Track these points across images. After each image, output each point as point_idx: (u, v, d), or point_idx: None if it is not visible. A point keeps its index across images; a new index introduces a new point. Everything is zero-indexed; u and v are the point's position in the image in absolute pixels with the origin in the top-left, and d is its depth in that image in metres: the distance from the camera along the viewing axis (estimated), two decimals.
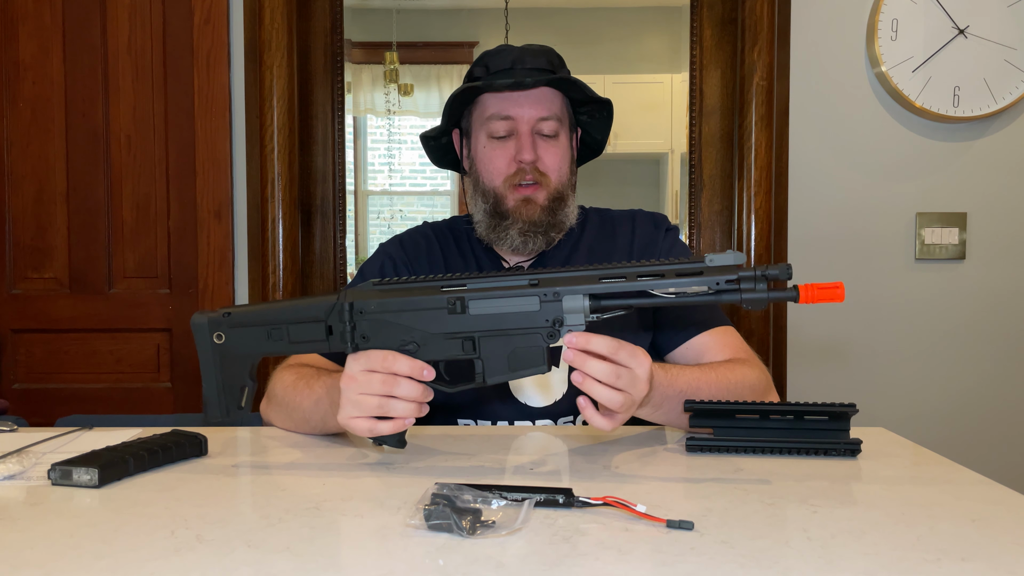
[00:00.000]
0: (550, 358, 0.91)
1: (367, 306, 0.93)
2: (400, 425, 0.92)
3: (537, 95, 1.26)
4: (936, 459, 0.97)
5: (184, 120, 2.15)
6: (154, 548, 0.68)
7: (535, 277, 0.89)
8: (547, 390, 1.25)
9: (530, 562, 0.64)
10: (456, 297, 0.90)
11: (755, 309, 0.86)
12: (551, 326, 0.89)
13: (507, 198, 1.26)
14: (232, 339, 0.98)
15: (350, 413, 0.92)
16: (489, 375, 0.92)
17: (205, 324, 0.99)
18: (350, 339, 0.94)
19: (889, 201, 2.18)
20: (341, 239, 2.35)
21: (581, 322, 0.88)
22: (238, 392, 0.99)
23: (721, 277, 0.83)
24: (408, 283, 0.94)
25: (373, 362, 0.91)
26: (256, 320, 0.98)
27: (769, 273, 0.82)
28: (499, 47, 1.30)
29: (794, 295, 0.82)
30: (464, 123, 1.34)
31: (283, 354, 1.01)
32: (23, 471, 0.91)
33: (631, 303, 0.87)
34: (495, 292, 0.90)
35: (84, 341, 2.19)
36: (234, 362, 0.99)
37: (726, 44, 2.27)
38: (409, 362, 0.90)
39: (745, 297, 0.83)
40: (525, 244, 1.26)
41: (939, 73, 2.12)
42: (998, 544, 0.68)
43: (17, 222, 2.17)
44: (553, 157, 1.27)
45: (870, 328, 2.19)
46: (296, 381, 1.12)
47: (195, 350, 1.00)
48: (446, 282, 0.92)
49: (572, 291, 0.87)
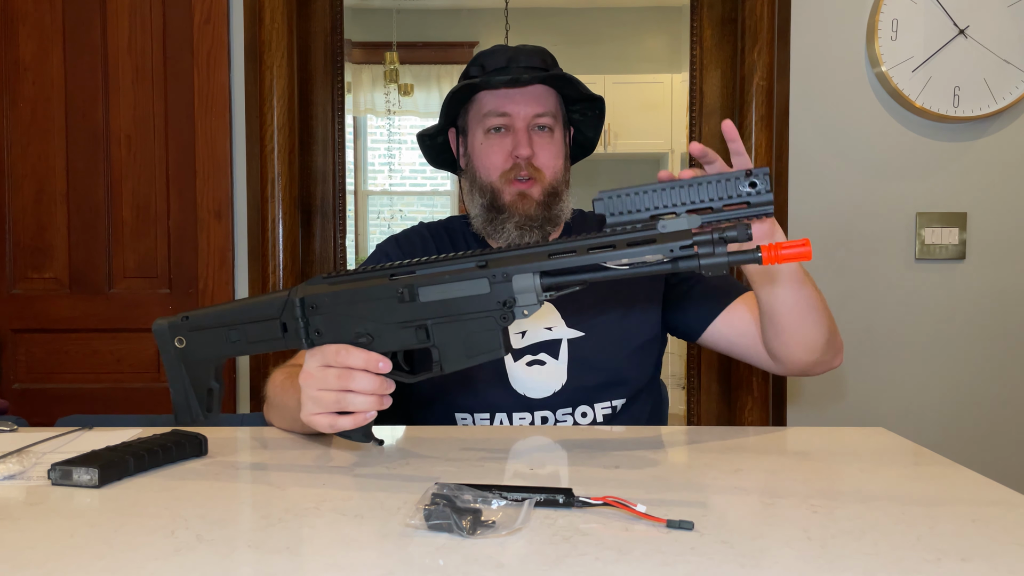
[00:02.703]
0: (507, 341, 0.88)
1: (318, 300, 0.91)
2: (361, 419, 0.90)
3: (533, 92, 1.29)
4: (936, 459, 0.97)
5: (184, 120, 2.15)
6: (154, 548, 0.68)
7: (483, 259, 0.85)
8: (547, 381, 1.25)
9: (530, 562, 0.64)
10: (404, 285, 0.88)
11: (716, 274, 0.79)
12: (503, 308, 0.85)
13: (503, 192, 1.28)
14: (193, 343, 0.97)
15: (311, 410, 0.91)
16: (446, 363, 0.89)
17: (166, 329, 0.97)
18: (304, 335, 0.92)
19: (889, 201, 2.18)
20: (341, 239, 2.35)
21: (534, 301, 0.84)
22: (205, 395, 0.98)
23: (675, 243, 0.77)
24: (358, 274, 0.92)
25: (328, 357, 0.90)
26: (213, 322, 0.96)
27: (727, 235, 0.76)
28: (494, 47, 1.33)
29: (756, 257, 0.76)
30: (460, 121, 1.37)
31: (243, 355, 1.00)
32: (23, 471, 0.91)
33: (585, 278, 0.83)
34: (443, 277, 0.87)
35: (84, 341, 2.19)
36: (198, 365, 0.98)
37: (726, 44, 2.27)
38: (364, 355, 0.89)
39: (704, 263, 0.77)
40: (522, 237, 1.28)
41: (939, 73, 2.12)
42: (998, 544, 0.68)
43: (17, 222, 2.17)
44: (548, 153, 1.29)
45: (870, 328, 2.19)
46: (284, 381, 1.13)
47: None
48: (395, 270, 0.90)
49: (521, 270, 0.84)
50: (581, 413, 1.26)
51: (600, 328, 1.28)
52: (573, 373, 1.26)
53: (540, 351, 1.27)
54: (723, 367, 2.30)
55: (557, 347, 1.27)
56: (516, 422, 1.25)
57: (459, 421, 1.26)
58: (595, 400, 1.26)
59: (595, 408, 1.26)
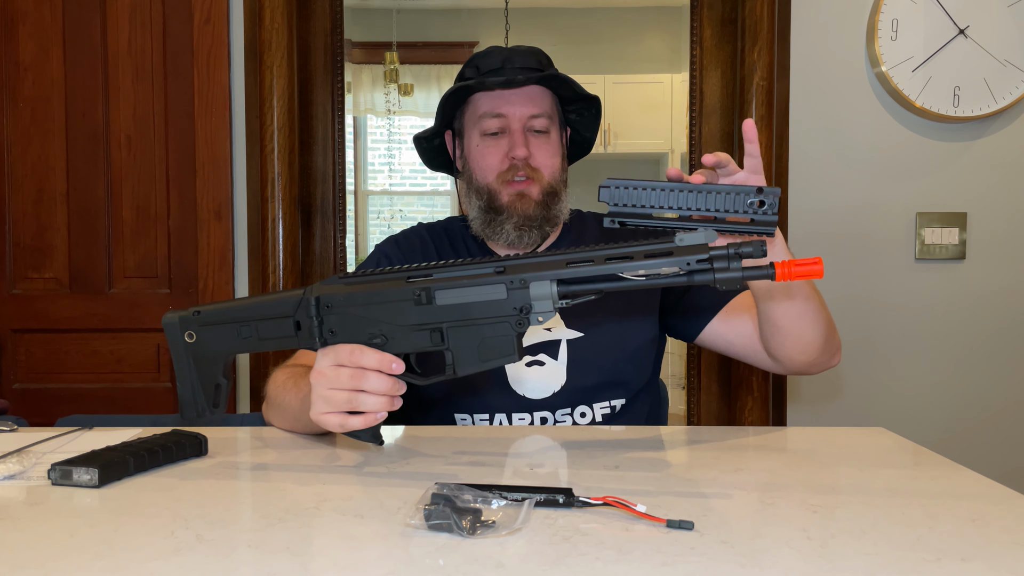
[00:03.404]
0: (520, 347, 0.88)
1: (333, 300, 0.91)
2: (372, 419, 0.90)
3: (528, 93, 1.28)
4: (936, 459, 0.97)
5: (184, 120, 2.15)
6: (154, 548, 0.68)
7: (500, 264, 0.86)
8: (546, 381, 1.25)
9: (530, 562, 0.64)
10: (421, 288, 0.88)
11: (730, 288, 0.80)
12: (519, 314, 0.86)
13: (501, 193, 1.28)
14: (203, 337, 0.97)
15: (321, 409, 0.91)
16: (459, 366, 0.89)
17: (176, 323, 0.97)
18: (318, 334, 0.92)
19: (889, 201, 2.19)
20: (341, 239, 2.35)
21: (550, 308, 0.85)
22: (213, 391, 0.98)
23: (692, 256, 0.78)
24: (374, 275, 0.92)
25: (341, 357, 0.89)
26: (225, 318, 0.96)
27: (743, 251, 0.77)
28: (488, 48, 1.32)
29: (770, 273, 0.78)
30: (456, 124, 1.36)
31: (254, 351, 1.00)
32: (23, 471, 0.91)
33: (601, 287, 0.84)
34: (461, 281, 0.87)
35: (84, 341, 2.19)
36: (207, 361, 0.97)
37: (726, 44, 2.27)
38: (377, 355, 0.89)
39: (719, 277, 0.78)
40: (520, 238, 1.27)
41: (939, 73, 2.12)
42: (998, 544, 0.68)
43: (17, 222, 2.17)
44: (545, 153, 1.29)
45: (870, 328, 2.19)
46: (286, 381, 1.13)
47: None
48: (412, 272, 0.90)
49: (539, 277, 0.84)
50: (580, 413, 1.26)
51: (599, 329, 1.28)
52: (572, 374, 1.26)
53: (539, 352, 1.27)
54: (723, 367, 2.30)
55: (556, 348, 1.27)
56: (515, 422, 1.25)
57: (458, 422, 1.26)
58: (594, 400, 1.27)
59: (594, 408, 1.26)
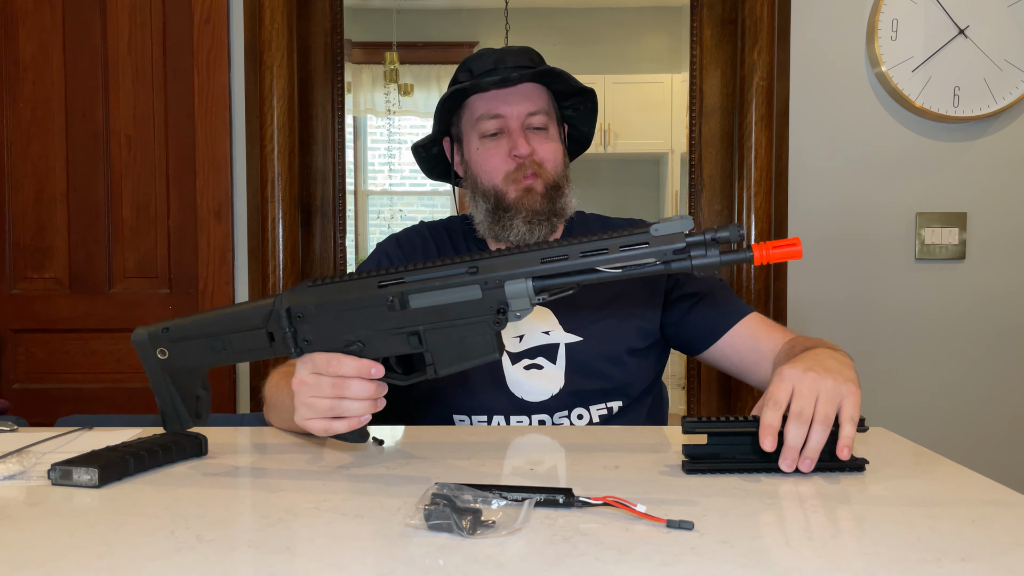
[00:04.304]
0: (500, 344, 0.88)
1: (305, 309, 0.90)
2: (356, 423, 0.90)
3: (523, 91, 1.28)
4: (936, 459, 0.97)
5: (184, 120, 2.15)
6: (154, 548, 0.68)
7: (474, 264, 0.84)
8: (544, 385, 1.25)
9: (530, 562, 0.64)
10: (394, 294, 0.87)
11: (708, 274, 0.80)
12: (497, 312, 0.84)
13: (508, 192, 1.27)
14: (176, 353, 0.95)
15: (305, 415, 0.91)
16: (440, 366, 0.88)
17: (146, 340, 0.95)
18: (292, 344, 0.91)
19: (889, 201, 2.19)
20: (341, 239, 2.35)
21: (527, 306, 0.84)
22: (193, 402, 0.97)
23: (668, 246, 0.78)
24: (344, 282, 0.90)
25: (318, 366, 0.89)
26: (195, 332, 0.94)
27: (719, 236, 0.77)
28: (480, 51, 1.32)
29: (748, 256, 0.77)
30: (454, 130, 1.36)
31: (231, 363, 0.98)
32: (23, 471, 0.91)
33: (578, 280, 0.83)
34: (434, 283, 0.86)
35: (84, 341, 2.19)
36: (183, 375, 0.96)
37: (726, 44, 2.27)
38: (355, 363, 0.88)
39: (696, 264, 0.78)
40: (531, 232, 1.27)
41: (939, 73, 2.12)
42: (998, 544, 0.68)
43: (17, 222, 2.17)
44: (547, 148, 1.29)
45: (870, 328, 2.19)
46: (279, 381, 1.13)
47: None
48: (383, 278, 0.88)
49: (514, 275, 0.83)
50: (577, 415, 1.26)
51: (597, 333, 1.28)
52: (571, 377, 1.25)
53: (538, 355, 1.26)
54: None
55: (555, 352, 1.27)
56: (513, 424, 1.25)
57: (457, 423, 1.26)
58: (592, 403, 1.26)
59: (591, 410, 1.26)
